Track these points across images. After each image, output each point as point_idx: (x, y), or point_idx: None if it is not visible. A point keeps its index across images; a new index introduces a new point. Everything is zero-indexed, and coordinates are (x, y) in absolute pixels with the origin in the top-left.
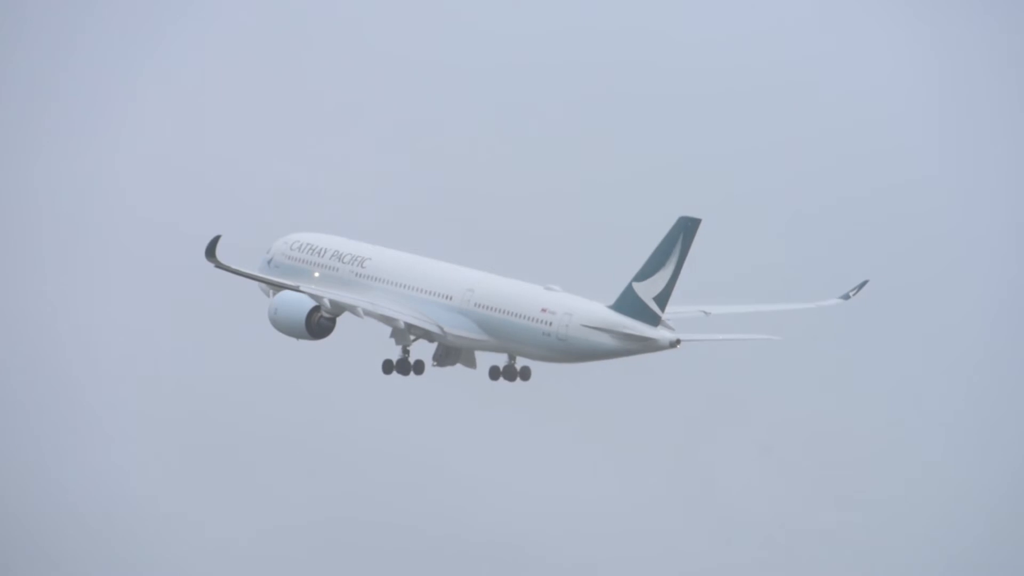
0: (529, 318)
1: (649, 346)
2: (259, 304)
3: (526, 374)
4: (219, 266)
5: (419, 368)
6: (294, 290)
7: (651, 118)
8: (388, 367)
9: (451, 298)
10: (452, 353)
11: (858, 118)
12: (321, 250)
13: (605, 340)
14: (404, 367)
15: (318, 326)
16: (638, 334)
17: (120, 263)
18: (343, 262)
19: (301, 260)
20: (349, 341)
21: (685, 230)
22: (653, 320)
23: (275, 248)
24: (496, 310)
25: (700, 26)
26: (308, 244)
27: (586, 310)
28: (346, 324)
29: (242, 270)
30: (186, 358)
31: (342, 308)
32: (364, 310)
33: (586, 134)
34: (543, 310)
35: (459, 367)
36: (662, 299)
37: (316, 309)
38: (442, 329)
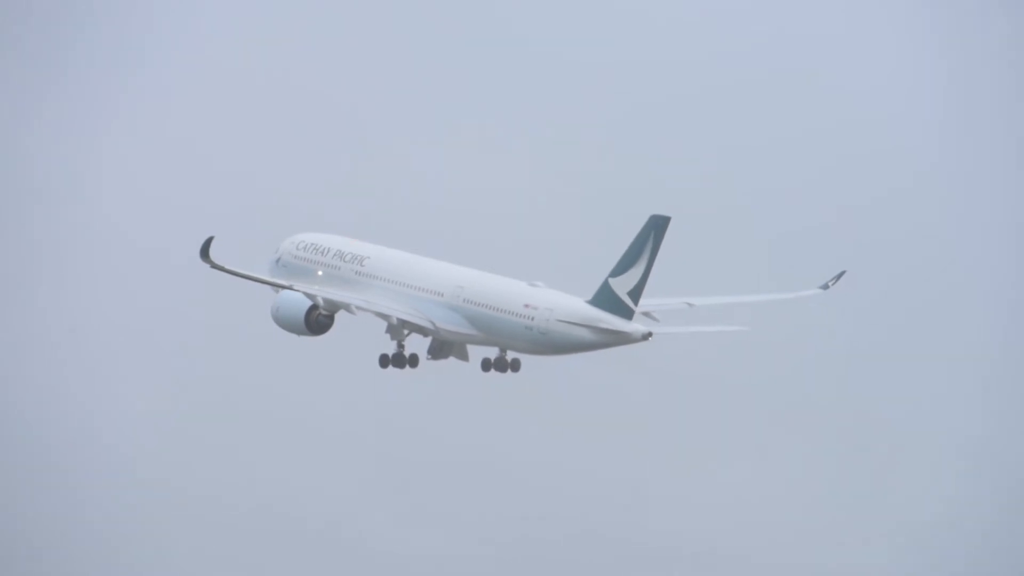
0: (513, 313)
1: (623, 339)
2: (267, 303)
3: (516, 366)
4: (214, 266)
5: (414, 361)
6: (288, 289)
7: (641, 118)
8: (384, 361)
9: (442, 295)
10: (445, 347)
11: (844, 116)
12: (325, 249)
13: (583, 334)
14: (399, 361)
15: (317, 323)
16: (612, 328)
17: (122, 263)
18: (344, 261)
19: (306, 259)
20: (350, 336)
21: (656, 227)
22: (627, 314)
23: (282, 248)
24: (483, 306)
25: (678, 14)
26: (312, 244)
27: (565, 305)
28: (347, 320)
29: (236, 270)
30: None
31: (337, 306)
32: (357, 307)
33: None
34: (526, 305)
35: (452, 360)
36: (635, 293)
37: (315, 307)
38: (434, 324)
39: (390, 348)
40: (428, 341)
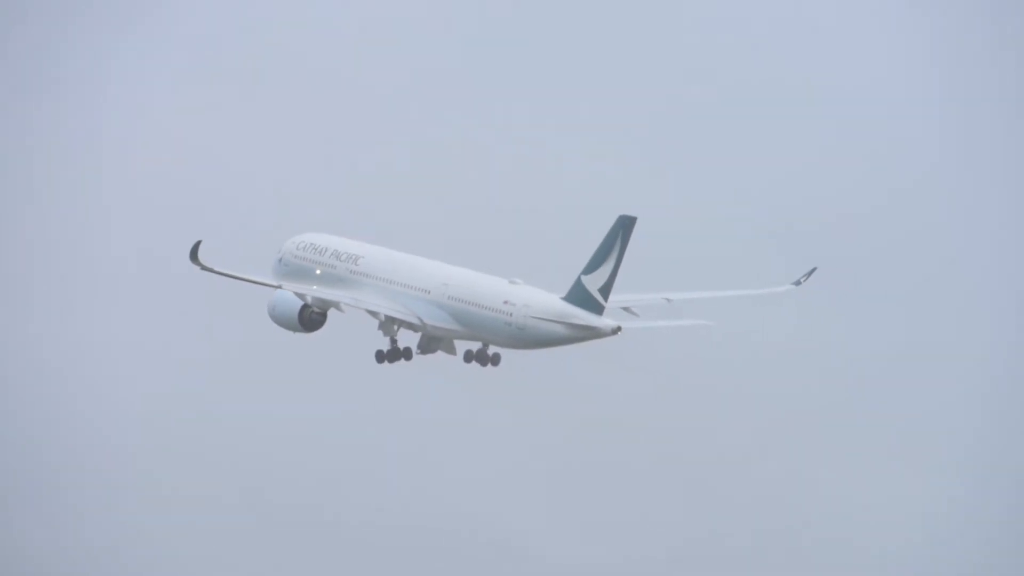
0: (493, 309)
1: (593, 333)
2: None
3: (496, 360)
4: (203, 268)
5: (407, 354)
6: (278, 288)
7: (629, 119)
8: (380, 357)
9: (429, 292)
10: (433, 342)
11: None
12: (322, 249)
13: (557, 328)
14: (394, 355)
15: (310, 320)
16: (583, 323)
17: (123, 263)
18: (340, 260)
19: (306, 259)
20: (347, 333)
21: (623, 227)
22: (598, 309)
23: (284, 248)
24: (466, 302)
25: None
26: (311, 244)
27: (541, 302)
28: (344, 318)
29: (225, 271)
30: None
31: (328, 304)
32: (345, 304)
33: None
34: (505, 302)
35: (440, 354)
36: (606, 290)
37: (307, 305)
38: (421, 320)
39: (384, 344)
40: (419, 335)
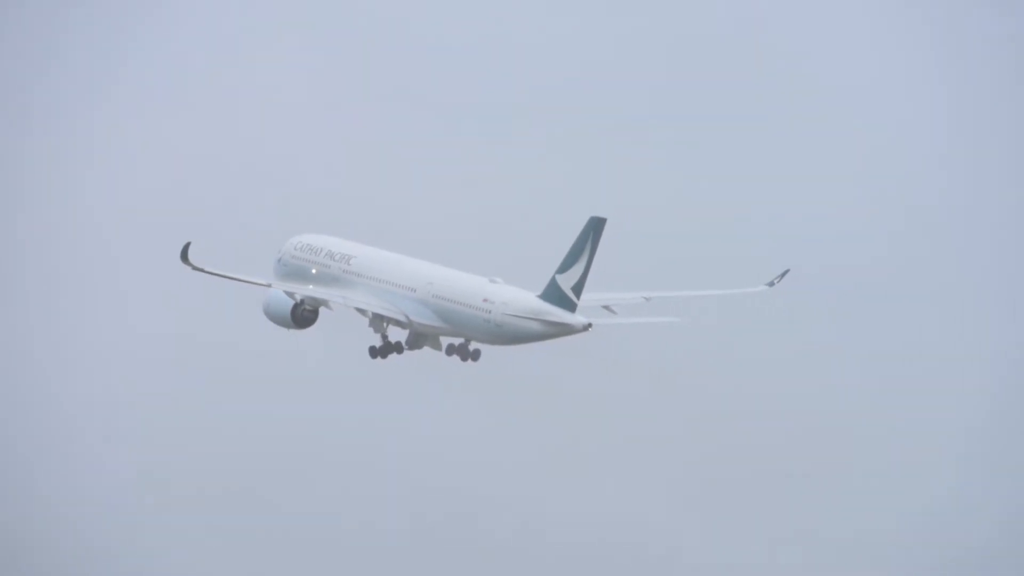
0: (473, 307)
1: (566, 330)
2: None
3: (476, 355)
4: (194, 268)
5: (399, 348)
6: (267, 287)
7: (614, 120)
8: (374, 352)
9: (415, 291)
10: (420, 338)
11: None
12: (318, 250)
13: (532, 325)
14: (386, 350)
15: (302, 317)
16: (557, 320)
17: (126, 264)
18: (334, 260)
19: (303, 259)
20: (343, 329)
21: (594, 228)
22: (571, 307)
23: (284, 249)
24: (449, 300)
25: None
26: (308, 245)
27: (518, 300)
28: (340, 315)
29: (215, 271)
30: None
31: (319, 302)
32: (334, 303)
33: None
34: (484, 300)
35: (427, 349)
36: (578, 288)
37: (300, 303)
38: (408, 318)
39: (376, 340)
40: (407, 332)
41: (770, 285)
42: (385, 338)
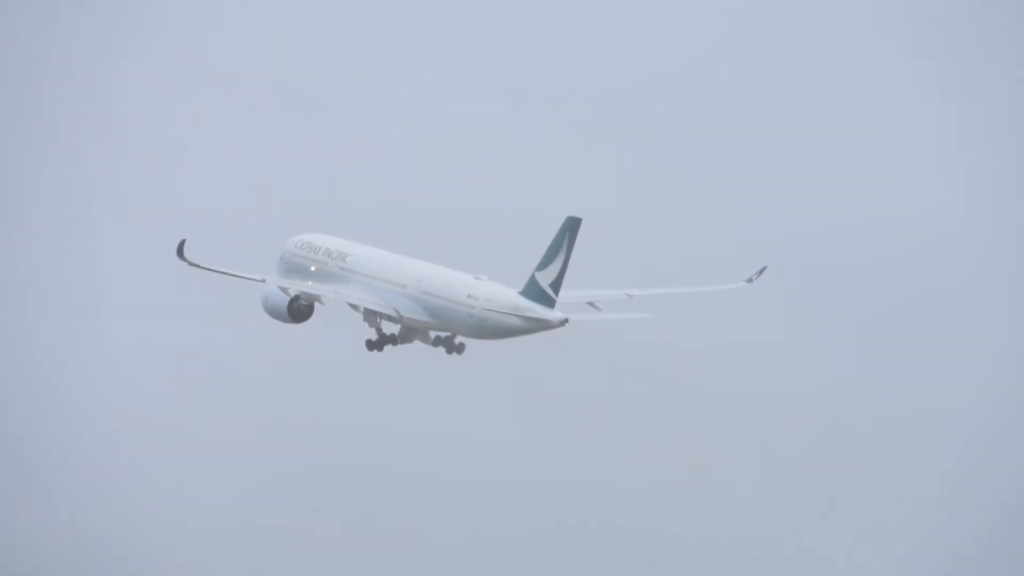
0: (458, 303)
1: (543, 325)
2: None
3: (461, 349)
4: (191, 264)
5: (393, 340)
6: (262, 282)
7: (596, 121)
8: (370, 345)
9: (405, 287)
10: (411, 332)
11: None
12: (317, 248)
13: (512, 320)
14: (381, 342)
15: (298, 312)
16: (535, 315)
17: (127, 263)
18: (331, 258)
19: (303, 257)
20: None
21: (570, 228)
22: (550, 303)
23: (285, 247)
24: (436, 296)
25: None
26: (308, 243)
27: (500, 296)
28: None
29: (210, 267)
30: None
31: (314, 297)
32: (327, 298)
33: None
34: (468, 296)
35: (417, 343)
36: (556, 285)
37: (296, 298)
38: (399, 313)
39: (371, 333)
40: (398, 326)
41: (749, 281)
42: (380, 331)
